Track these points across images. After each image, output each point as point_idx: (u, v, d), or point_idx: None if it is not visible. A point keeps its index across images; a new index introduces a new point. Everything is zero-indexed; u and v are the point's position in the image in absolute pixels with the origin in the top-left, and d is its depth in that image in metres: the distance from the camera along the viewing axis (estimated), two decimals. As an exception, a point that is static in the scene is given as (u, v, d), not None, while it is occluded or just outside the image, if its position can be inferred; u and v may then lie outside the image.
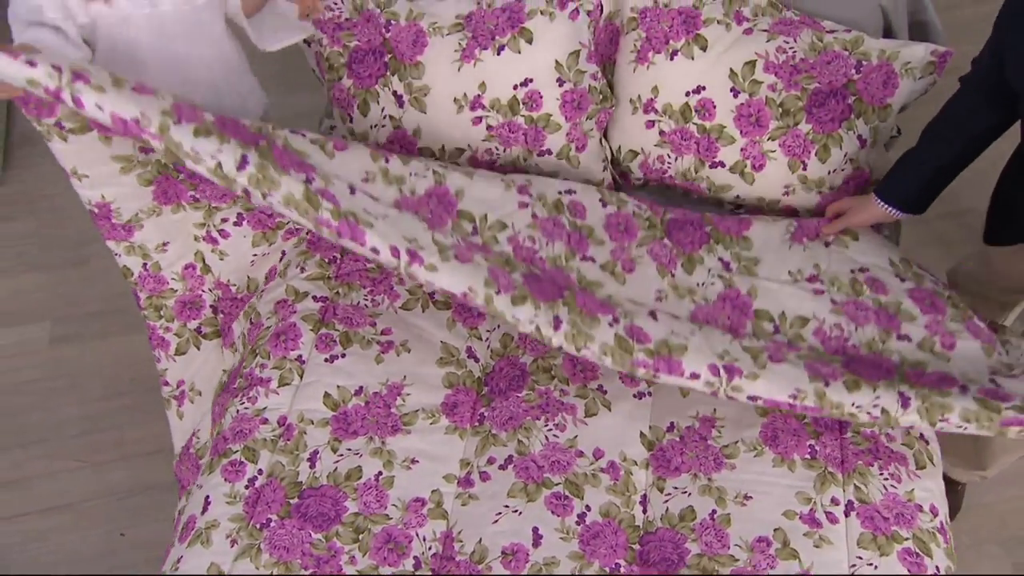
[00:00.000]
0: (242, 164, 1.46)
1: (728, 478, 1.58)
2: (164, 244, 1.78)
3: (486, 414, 1.68)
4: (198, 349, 1.84)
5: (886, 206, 1.72)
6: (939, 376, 1.53)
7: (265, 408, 1.68)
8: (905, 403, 1.46)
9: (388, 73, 1.91)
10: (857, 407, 1.47)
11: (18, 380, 2.46)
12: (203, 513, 1.57)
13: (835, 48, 1.81)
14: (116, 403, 2.39)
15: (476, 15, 1.89)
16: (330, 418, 1.67)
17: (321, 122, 2.21)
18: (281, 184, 1.47)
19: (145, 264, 1.73)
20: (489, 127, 1.95)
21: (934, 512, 1.57)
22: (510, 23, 1.88)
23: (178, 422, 1.96)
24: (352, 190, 1.58)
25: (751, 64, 1.82)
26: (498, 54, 1.89)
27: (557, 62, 1.90)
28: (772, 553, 1.49)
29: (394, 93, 1.93)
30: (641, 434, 1.64)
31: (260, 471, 1.60)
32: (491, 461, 1.62)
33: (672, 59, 1.86)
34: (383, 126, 1.97)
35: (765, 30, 1.84)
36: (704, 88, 1.86)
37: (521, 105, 1.92)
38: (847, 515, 1.54)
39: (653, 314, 1.62)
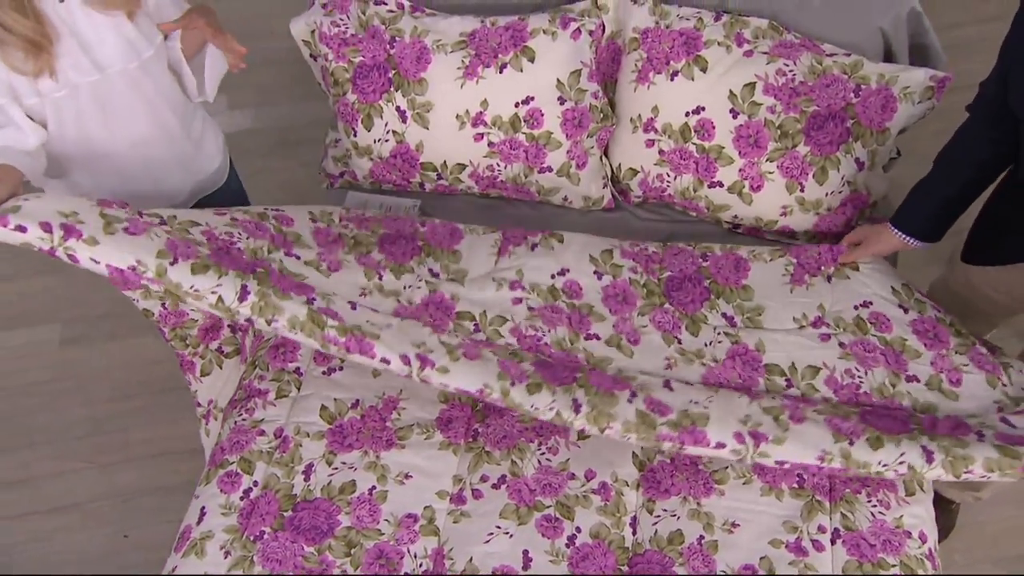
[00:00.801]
0: (243, 295, 1.48)
1: (717, 504, 1.59)
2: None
3: (480, 430, 1.70)
4: (220, 368, 1.85)
5: (903, 236, 1.71)
6: (953, 423, 1.54)
7: (262, 420, 1.71)
8: (930, 458, 1.45)
9: (392, 89, 1.93)
10: (884, 465, 1.46)
11: (27, 381, 2.51)
12: (198, 524, 1.60)
13: (834, 71, 1.82)
14: (123, 405, 2.43)
15: (479, 33, 1.91)
16: (326, 431, 1.69)
17: (327, 133, 2.23)
18: (284, 309, 1.49)
19: (164, 303, 1.74)
20: (491, 143, 1.96)
21: (923, 539, 1.57)
22: (513, 41, 1.90)
23: (207, 440, 1.96)
24: (353, 306, 1.60)
25: (751, 86, 1.83)
26: (500, 72, 1.90)
27: (559, 80, 1.91)
28: (757, 580, 1.50)
29: (397, 108, 1.94)
30: (633, 454, 1.66)
31: (255, 483, 1.63)
32: (484, 479, 1.64)
33: (672, 79, 1.87)
34: (386, 141, 1.99)
35: (765, 52, 1.84)
36: (704, 109, 1.86)
37: (522, 122, 1.93)
38: (833, 543, 1.54)
39: (668, 384, 1.62)
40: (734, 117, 1.85)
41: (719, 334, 1.75)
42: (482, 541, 1.56)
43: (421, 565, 1.55)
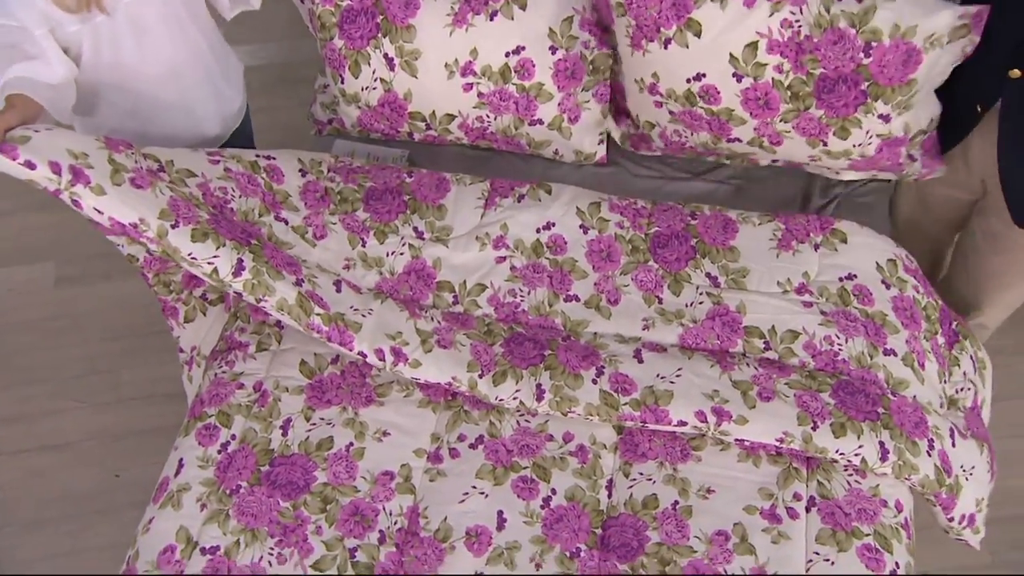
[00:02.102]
0: (238, 269, 1.52)
1: (693, 470, 1.59)
2: None
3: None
4: (204, 315, 1.85)
5: None
6: (917, 419, 1.57)
7: (242, 373, 1.71)
8: (884, 456, 1.51)
9: (379, 35, 1.87)
10: (840, 454, 1.52)
11: (24, 319, 2.53)
12: (176, 476, 1.61)
13: (841, 24, 1.66)
14: (114, 346, 2.45)
15: (470, -23, 1.84)
16: (305, 386, 1.69)
17: (316, 78, 2.18)
18: (276, 290, 1.54)
19: (149, 250, 1.74)
20: (480, 94, 1.91)
21: (899, 508, 1.57)
22: (504, -13, 1.83)
23: (189, 386, 1.98)
24: (338, 286, 1.65)
25: (752, 46, 1.71)
26: (491, 19, 1.84)
27: (551, 29, 1.85)
28: (730, 548, 1.50)
29: (385, 56, 1.89)
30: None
31: (233, 436, 1.64)
32: (461, 438, 1.64)
33: (666, 48, 1.76)
34: (374, 88, 1.94)
35: None
36: (704, 75, 1.77)
37: (513, 73, 1.88)
38: (808, 511, 1.54)
39: (639, 354, 1.63)
40: (738, 81, 1.75)
41: (701, 294, 1.73)
42: (457, 500, 1.57)
43: (396, 523, 1.56)
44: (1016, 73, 1.59)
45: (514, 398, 1.60)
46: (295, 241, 1.72)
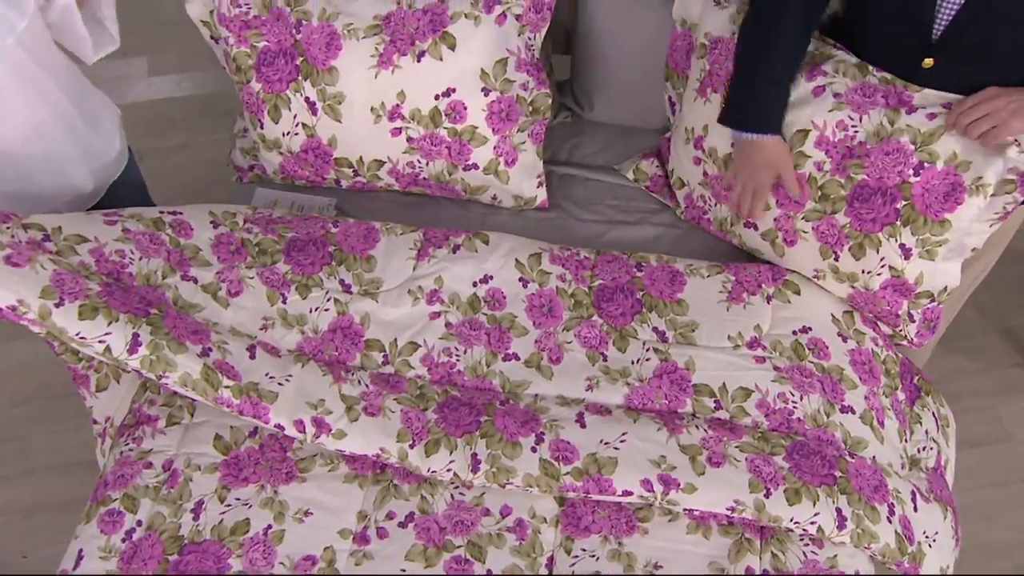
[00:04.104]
0: (134, 346, 1.40)
1: (640, 543, 1.48)
2: None
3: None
4: (118, 383, 1.70)
5: (771, 136, 1.58)
6: (877, 482, 1.50)
7: (150, 450, 1.56)
8: (842, 524, 1.44)
9: (300, 77, 1.75)
10: (795, 523, 1.43)
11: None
12: (75, 568, 1.46)
13: (902, 138, 1.53)
14: (22, 411, 2.26)
15: (395, 16, 1.73)
16: (219, 463, 1.55)
17: (235, 122, 2.05)
18: (177, 364, 1.42)
19: None
20: (410, 139, 1.80)
21: (859, 579, 1.47)
22: (431, 27, 1.72)
23: (102, 460, 1.82)
24: (252, 352, 1.52)
25: (803, 134, 1.59)
26: (418, 61, 1.73)
27: (483, 70, 1.75)
28: (679, 629, 1.40)
29: (307, 99, 1.77)
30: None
31: (139, 522, 1.49)
32: (391, 516, 1.51)
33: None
34: (296, 134, 1.82)
35: (838, 95, 1.58)
36: None
37: (443, 116, 1.77)
38: (763, 586, 1.44)
39: (581, 418, 1.53)
40: None
41: (648, 350, 1.63)
42: (385, 587, 1.44)
43: (318, 614, 1.42)
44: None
45: (448, 469, 1.48)
46: (205, 302, 1.58)
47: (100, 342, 1.37)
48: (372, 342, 1.63)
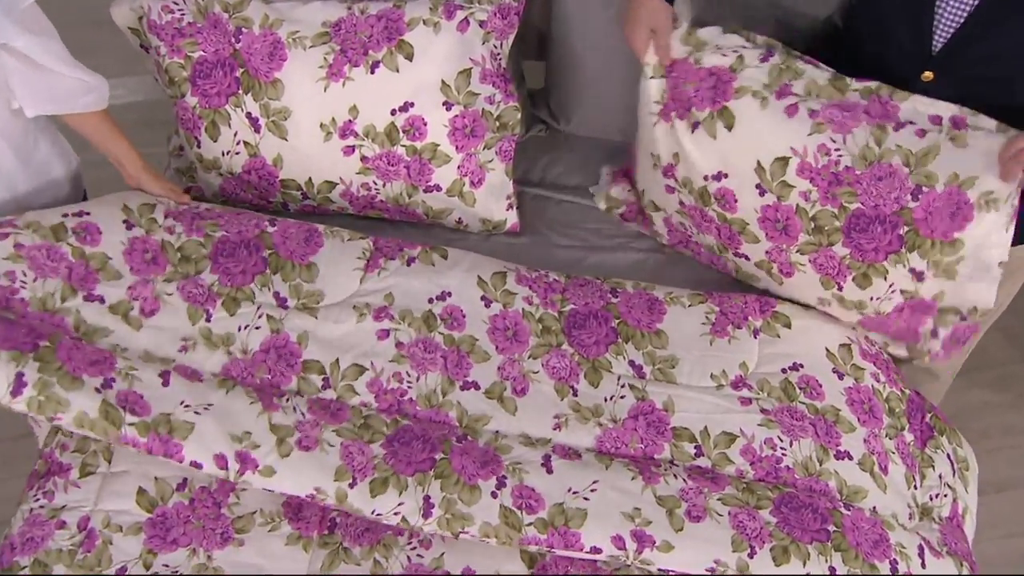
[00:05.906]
0: (17, 387, 1.26)
1: (620, 610, 1.31)
2: None
3: (338, 520, 1.39)
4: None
5: None
6: (877, 536, 1.35)
7: (63, 507, 1.38)
8: None
9: (240, 91, 1.59)
10: None
11: None
12: (-27, 653, 1.27)
13: (893, 160, 1.41)
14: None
15: (345, 23, 1.57)
16: (144, 522, 1.36)
17: (170, 139, 1.88)
18: (71, 404, 1.27)
19: None
20: (364, 158, 1.64)
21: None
22: (386, 34, 1.57)
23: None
24: (165, 379, 1.36)
25: (783, 161, 1.46)
26: (371, 72, 1.57)
27: (444, 82, 1.59)
28: None
29: (248, 115, 1.60)
30: (521, 548, 1.37)
31: (50, 595, 1.30)
32: (339, 583, 1.33)
33: (693, 131, 1.51)
34: (237, 153, 1.65)
35: (813, 112, 1.45)
36: (725, 176, 1.51)
37: (401, 133, 1.61)
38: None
39: (548, 462, 1.37)
40: (761, 195, 1.50)
41: (623, 386, 1.48)
42: (332, 667, 1.26)
43: None
44: None
45: (395, 512, 1.30)
46: (113, 325, 1.41)
47: None
48: (311, 363, 1.46)
